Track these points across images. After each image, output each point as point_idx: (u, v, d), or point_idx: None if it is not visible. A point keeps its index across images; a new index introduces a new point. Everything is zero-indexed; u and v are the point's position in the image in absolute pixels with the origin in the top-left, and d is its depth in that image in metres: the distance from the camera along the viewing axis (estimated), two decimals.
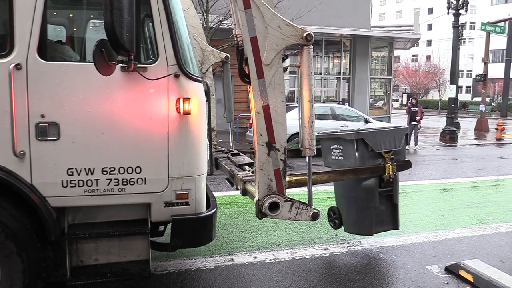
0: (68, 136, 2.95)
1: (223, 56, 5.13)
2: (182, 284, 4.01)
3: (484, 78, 23.12)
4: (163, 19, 3.03)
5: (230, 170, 4.49)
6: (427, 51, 58.11)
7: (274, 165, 3.23)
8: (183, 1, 4.87)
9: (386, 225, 4.79)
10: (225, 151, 5.42)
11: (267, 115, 3.16)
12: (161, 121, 3.09)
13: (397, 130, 4.72)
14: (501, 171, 10.99)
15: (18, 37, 2.85)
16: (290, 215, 3.35)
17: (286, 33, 3.13)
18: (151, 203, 3.16)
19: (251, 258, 4.67)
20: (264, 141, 3.19)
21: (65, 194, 2.99)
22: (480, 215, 6.59)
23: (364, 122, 13.94)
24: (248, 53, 3.09)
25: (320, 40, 20.46)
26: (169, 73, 3.06)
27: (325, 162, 4.98)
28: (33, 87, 2.87)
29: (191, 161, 3.20)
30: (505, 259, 4.79)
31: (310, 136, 3.25)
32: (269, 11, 3.07)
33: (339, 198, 4.98)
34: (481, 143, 18.50)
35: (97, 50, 2.58)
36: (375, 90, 24.66)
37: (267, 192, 3.26)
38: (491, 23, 24.09)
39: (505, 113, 35.93)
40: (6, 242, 2.88)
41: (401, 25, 38.57)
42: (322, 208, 6.09)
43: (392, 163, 4.50)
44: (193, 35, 4.91)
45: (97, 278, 3.09)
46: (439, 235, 5.59)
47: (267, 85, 3.13)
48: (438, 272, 4.43)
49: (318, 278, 4.24)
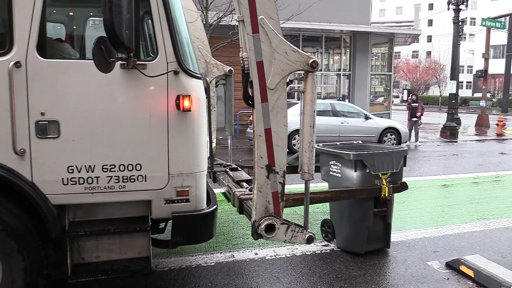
0: (68, 133, 2.96)
1: (227, 69, 5.15)
2: (183, 281, 4.02)
3: (485, 73, 23.09)
4: (162, 16, 3.03)
5: (228, 186, 4.53)
6: (428, 47, 58.08)
7: (272, 187, 3.26)
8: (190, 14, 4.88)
9: (378, 244, 4.83)
10: (223, 165, 5.43)
11: (268, 138, 3.18)
12: (161, 118, 3.09)
13: (396, 152, 4.71)
14: (502, 167, 10.99)
15: (18, 35, 2.85)
16: (286, 237, 3.38)
17: (292, 59, 3.15)
18: (151, 200, 3.17)
19: (252, 255, 4.68)
20: (264, 164, 3.21)
21: (65, 192, 3.00)
22: (481, 211, 6.59)
23: (365, 118, 13.94)
24: (254, 77, 3.11)
25: (320, 37, 20.43)
26: (168, 70, 3.05)
27: (322, 175, 5.03)
28: (33, 85, 2.87)
29: (191, 158, 3.20)
30: (506, 254, 4.79)
31: (310, 160, 3.28)
32: (276, 37, 3.09)
33: (333, 212, 5.02)
34: (482, 139, 18.49)
35: (97, 47, 2.58)
36: (375, 86, 24.62)
37: (264, 213, 3.29)
38: (491, 18, 24.04)
39: (506, 109, 35.91)
40: (7, 240, 2.88)
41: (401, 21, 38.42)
42: (319, 208, 6.12)
43: (389, 185, 4.53)
44: (198, 47, 4.91)
45: (98, 275, 3.10)
46: (439, 230, 5.60)
47: (271, 109, 3.16)
48: (439, 268, 4.44)
49: (319, 274, 4.25)
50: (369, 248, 4.73)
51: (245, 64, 3.19)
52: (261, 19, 3.05)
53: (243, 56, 3.23)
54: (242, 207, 3.93)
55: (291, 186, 6.63)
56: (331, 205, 5.04)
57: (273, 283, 4.02)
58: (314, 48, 21.15)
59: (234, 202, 4.22)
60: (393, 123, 14.73)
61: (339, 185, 4.68)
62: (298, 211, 5.52)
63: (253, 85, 3.13)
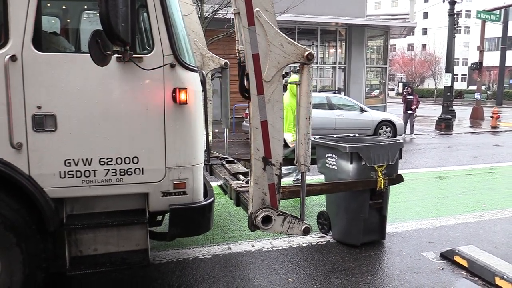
0: (65, 127, 2.96)
1: (223, 62, 5.14)
2: (181, 273, 4.05)
3: (480, 66, 23.16)
4: (158, 9, 3.02)
5: (224, 178, 4.55)
6: (423, 39, 58.07)
7: (269, 179, 3.27)
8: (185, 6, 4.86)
9: (373, 235, 4.88)
10: (220, 158, 5.45)
11: (264, 130, 3.20)
12: (158, 111, 3.09)
13: (392, 145, 4.74)
14: (496, 159, 11.07)
15: (13, 28, 2.84)
16: (282, 229, 3.41)
17: (288, 52, 3.15)
18: (148, 193, 3.18)
19: (248, 247, 4.72)
20: (261, 156, 3.22)
21: (63, 185, 3.01)
22: (475, 202, 6.66)
23: (360, 111, 13.98)
24: (250, 69, 3.12)
25: (315, 30, 20.39)
26: (164, 63, 3.06)
27: (319, 167, 5.06)
28: (29, 79, 2.87)
29: (188, 150, 3.22)
30: (499, 245, 4.86)
31: (306, 152, 3.30)
32: (272, 29, 3.09)
33: (329, 204, 5.06)
34: (477, 131, 18.60)
35: (93, 40, 2.57)
36: (371, 79, 24.66)
37: (261, 205, 3.31)
38: (486, 11, 24.04)
39: (501, 101, 36.08)
40: (6, 234, 2.89)
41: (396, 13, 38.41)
42: (315, 201, 6.16)
43: (384, 177, 4.57)
44: (194, 40, 4.90)
45: (97, 268, 3.12)
46: (434, 222, 5.65)
47: (266, 102, 3.17)
48: (433, 258, 4.49)
49: (316, 265, 4.29)
50: (364, 240, 4.78)
51: (241, 57, 3.21)
52: (257, 11, 3.05)
53: (239, 49, 3.24)
54: (239, 199, 3.96)
55: (287, 179, 6.66)
56: (327, 197, 5.08)
57: (270, 275, 4.06)
58: (309, 41, 21.12)
59: (230, 195, 4.24)
60: (389, 116, 14.78)
61: (335, 178, 4.71)
62: (294, 204, 5.55)
63: (249, 77, 3.14)
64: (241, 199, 3.90)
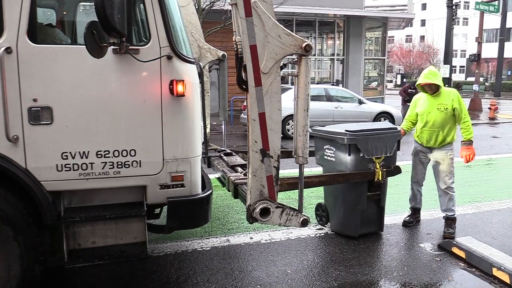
0: (62, 119, 2.94)
1: (220, 54, 5.11)
2: (179, 265, 4.06)
3: (478, 58, 23.07)
4: (155, 0, 2.99)
5: (222, 171, 4.54)
6: (421, 31, 57.88)
7: (267, 171, 3.26)
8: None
9: (371, 227, 4.88)
10: (217, 150, 5.44)
11: (262, 122, 3.18)
12: (155, 103, 3.07)
13: (390, 136, 4.72)
14: (494, 150, 11.09)
15: (8, 20, 2.80)
16: (281, 221, 3.41)
17: (286, 43, 3.13)
18: (146, 185, 3.17)
19: (247, 239, 4.73)
20: (259, 148, 3.21)
21: (60, 178, 2.99)
22: (473, 194, 6.68)
23: (358, 103, 13.95)
24: (247, 61, 3.09)
25: (313, 21, 20.30)
26: (161, 54, 3.03)
27: (317, 159, 5.05)
28: (25, 71, 2.84)
29: (186, 143, 3.20)
30: (497, 236, 4.87)
31: (304, 144, 3.29)
32: (270, 20, 3.06)
33: (327, 196, 5.06)
34: (474, 122, 18.59)
35: (88, 32, 2.55)
36: (369, 71, 24.60)
37: (259, 197, 3.30)
38: (485, 2, 23.92)
39: (499, 93, 36.02)
40: (3, 227, 2.88)
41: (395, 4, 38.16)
42: (313, 193, 6.15)
43: (382, 169, 4.56)
44: (190, 31, 4.86)
45: (95, 260, 3.12)
46: (432, 213, 5.67)
47: (264, 93, 3.14)
48: (431, 250, 4.51)
49: (314, 257, 4.30)
50: (362, 231, 4.79)
51: (239, 48, 3.18)
52: (254, 2, 3.02)
53: (236, 40, 3.21)
54: (237, 191, 3.95)
55: (285, 171, 6.65)
56: (325, 189, 5.08)
57: (268, 266, 4.07)
58: (307, 33, 21.04)
59: (229, 187, 4.24)
60: (387, 108, 14.76)
61: (333, 169, 4.71)
62: (292, 196, 5.55)
63: (247, 69, 3.12)
64: (239, 191, 3.90)
